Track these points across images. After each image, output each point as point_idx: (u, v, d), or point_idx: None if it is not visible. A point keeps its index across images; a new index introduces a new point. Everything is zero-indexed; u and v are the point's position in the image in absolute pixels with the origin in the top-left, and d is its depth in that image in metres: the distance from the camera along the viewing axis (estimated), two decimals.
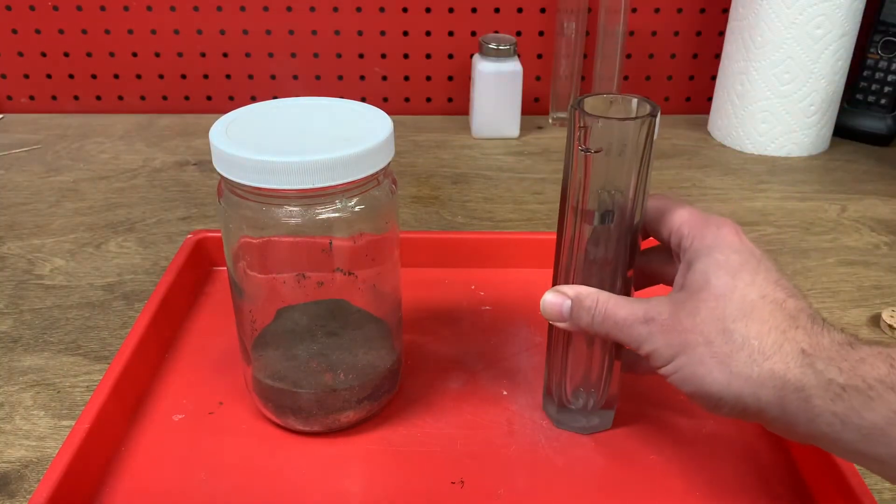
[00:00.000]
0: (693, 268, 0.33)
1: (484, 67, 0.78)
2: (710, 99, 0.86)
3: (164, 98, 0.88)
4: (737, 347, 0.30)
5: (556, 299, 0.36)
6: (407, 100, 0.89)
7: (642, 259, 0.38)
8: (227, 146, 0.34)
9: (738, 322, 0.31)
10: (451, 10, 0.84)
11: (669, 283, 0.37)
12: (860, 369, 0.28)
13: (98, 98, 0.88)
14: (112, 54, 0.85)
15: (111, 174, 0.72)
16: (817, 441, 0.30)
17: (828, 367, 0.29)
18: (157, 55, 0.86)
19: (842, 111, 0.81)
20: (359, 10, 0.84)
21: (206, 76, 0.87)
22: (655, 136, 0.34)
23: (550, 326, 0.40)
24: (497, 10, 0.85)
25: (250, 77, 0.87)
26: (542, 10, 0.85)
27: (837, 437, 0.28)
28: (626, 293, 0.38)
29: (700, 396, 0.32)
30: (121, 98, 0.88)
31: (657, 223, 0.37)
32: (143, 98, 0.88)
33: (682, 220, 0.35)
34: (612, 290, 0.37)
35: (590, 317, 0.35)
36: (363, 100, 0.87)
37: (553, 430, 0.42)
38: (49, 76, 0.86)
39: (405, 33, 0.85)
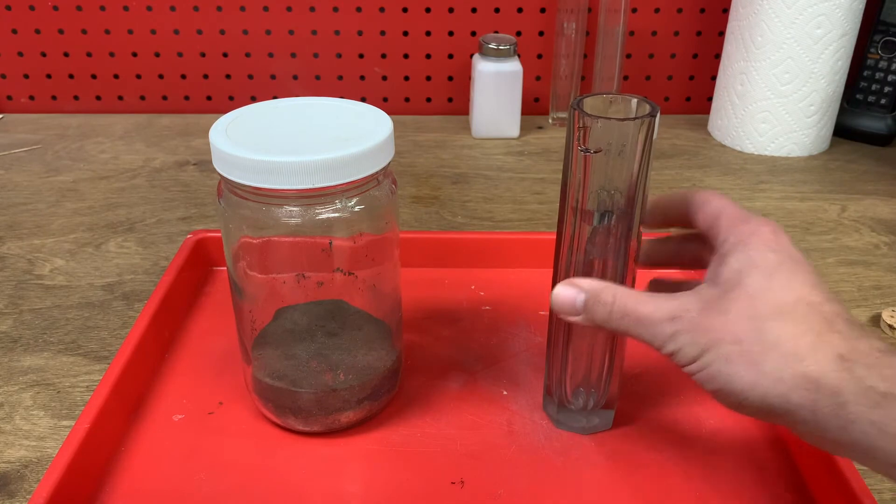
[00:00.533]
0: (727, 263, 0.32)
1: (484, 67, 0.78)
2: (710, 99, 0.86)
3: (164, 98, 0.88)
4: (768, 347, 0.29)
5: (569, 292, 0.35)
6: (407, 100, 0.89)
7: (679, 244, 0.38)
8: (227, 146, 0.34)
9: (771, 322, 0.30)
10: (451, 10, 0.84)
11: (705, 266, 0.36)
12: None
13: (98, 98, 0.88)
14: (112, 54, 0.85)
15: (111, 174, 0.72)
16: (849, 450, 0.29)
17: (868, 373, 0.28)
18: (157, 55, 0.86)
19: (842, 111, 0.81)
20: (359, 10, 0.84)
21: (206, 76, 0.87)
22: (655, 136, 0.34)
23: (550, 326, 0.40)
24: (497, 10, 0.85)
25: (250, 77, 0.87)
26: (542, 10, 0.85)
27: (872, 446, 0.28)
28: None
29: (725, 395, 0.31)
30: (121, 98, 0.88)
31: (694, 211, 0.36)
32: (142, 98, 0.88)
33: (720, 211, 0.35)
34: None
35: (607, 312, 0.34)
36: (363, 100, 0.87)
37: (553, 430, 0.42)
38: (49, 76, 0.86)
39: (405, 33, 0.85)
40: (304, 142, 0.35)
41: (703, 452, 0.40)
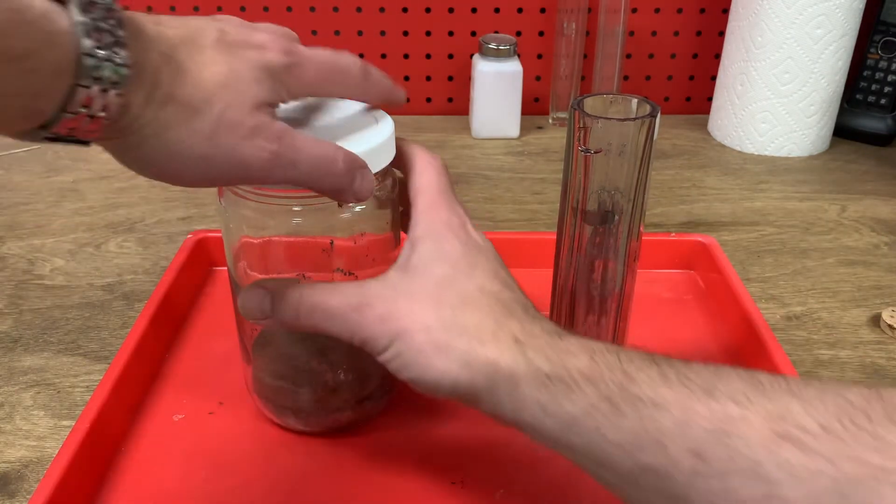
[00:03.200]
0: (416, 250, 0.33)
1: (484, 67, 0.78)
2: (710, 99, 0.86)
3: None
4: (454, 335, 0.30)
5: (255, 295, 0.33)
6: (407, 100, 0.89)
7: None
8: None
9: (457, 310, 0.31)
10: (451, 10, 0.84)
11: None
12: (565, 360, 0.29)
13: None
14: None
15: (111, 174, 0.72)
16: (522, 428, 0.30)
17: (537, 355, 0.29)
18: None
19: (842, 111, 0.81)
20: (359, 10, 0.84)
21: None
22: (655, 136, 0.34)
23: None
24: (497, 10, 0.85)
25: None
26: (542, 10, 0.85)
27: (539, 425, 0.29)
28: (628, 293, 0.38)
29: (418, 383, 0.31)
30: None
31: (408, 178, 0.36)
32: None
33: (421, 191, 0.35)
34: (611, 289, 0.37)
35: (294, 310, 0.32)
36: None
37: None
38: None
39: (405, 33, 0.85)
40: None
41: None
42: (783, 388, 0.25)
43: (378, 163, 0.35)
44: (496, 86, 0.79)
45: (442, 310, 0.31)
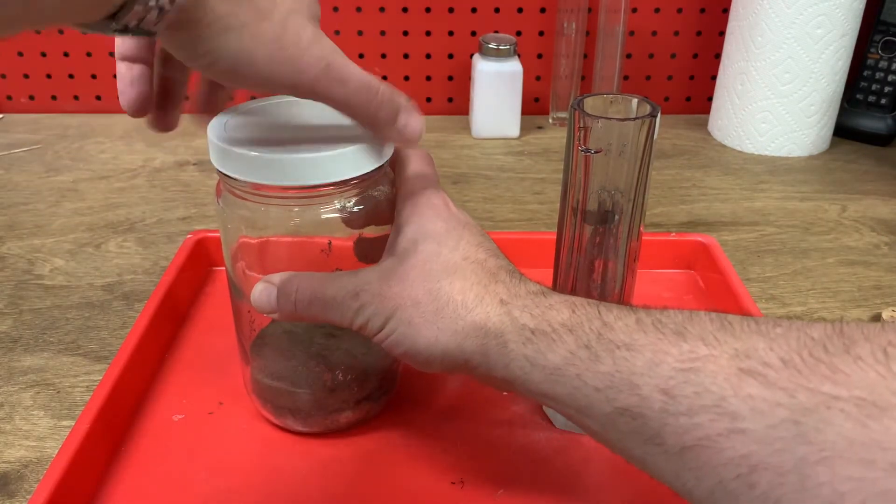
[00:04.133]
0: (402, 233, 0.34)
1: (484, 67, 0.78)
2: (710, 99, 0.86)
3: None
4: (442, 305, 0.31)
5: (264, 289, 0.34)
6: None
7: None
8: (224, 141, 0.34)
9: (443, 281, 0.32)
10: (451, 10, 0.84)
11: None
12: (548, 314, 0.30)
13: (98, 98, 0.88)
14: (112, 54, 0.85)
15: (111, 174, 0.72)
16: (512, 385, 0.31)
17: (522, 313, 0.30)
18: None
19: (842, 111, 0.81)
20: (359, 10, 0.84)
21: None
22: (655, 136, 0.34)
23: None
24: (497, 10, 0.85)
25: None
26: (542, 10, 0.85)
27: (527, 379, 0.30)
28: (628, 293, 0.38)
29: (412, 356, 0.32)
30: None
31: (397, 172, 0.37)
32: None
33: (405, 181, 0.36)
34: (611, 289, 0.37)
35: (291, 303, 0.34)
36: None
37: (553, 430, 0.41)
38: (49, 76, 0.86)
39: (405, 33, 0.85)
40: (302, 138, 0.35)
41: None
42: (752, 328, 0.26)
43: (375, 160, 0.35)
44: (496, 86, 0.79)
45: (429, 282, 0.32)
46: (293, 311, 0.34)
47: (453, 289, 0.32)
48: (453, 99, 0.89)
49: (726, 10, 0.83)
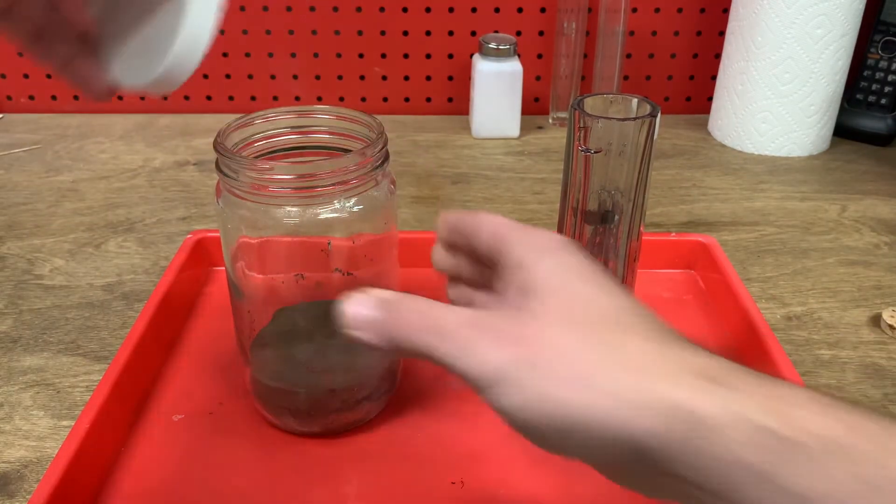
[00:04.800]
0: (525, 267, 0.27)
1: (484, 67, 0.78)
2: (710, 99, 0.86)
3: (164, 98, 0.88)
4: (601, 358, 0.24)
5: (364, 307, 0.28)
6: (407, 100, 0.89)
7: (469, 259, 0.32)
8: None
9: (600, 328, 0.24)
10: (451, 10, 0.84)
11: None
12: (792, 414, 0.22)
13: None
14: None
15: (111, 174, 0.72)
16: (700, 490, 0.22)
17: (748, 403, 0.22)
18: None
19: (842, 111, 0.81)
20: (359, 10, 0.84)
21: (205, 76, 0.87)
22: (655, 136, 0.34)
23: None
24: (497, 10, 0.85)
25: (250, 77, 0.87)
26: (543, 10, 0.85)
27: (741, 495, 0.22)
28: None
29: (548, 422, 0.24)
30: (120, 98, 0.88)
31: (473, 233, 0.31)
32: (142, 98, 0.88)
33: (501, 227, 0.29)
34: None
35: (409, 323, 0.27)
36: (363, 100, 0.87)
37: None
38: (49, 76, 0.86)
39: (405, 33, 0.85)
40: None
41: None
42: None
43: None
44: (496, 86, 0.79)
45: (579, 328, 0.24)
46: (391, 340, 0.27)
47: (616, 340, 0.24)
48: (453, 99, 0.89)
49: (726, 10, 0.83)
